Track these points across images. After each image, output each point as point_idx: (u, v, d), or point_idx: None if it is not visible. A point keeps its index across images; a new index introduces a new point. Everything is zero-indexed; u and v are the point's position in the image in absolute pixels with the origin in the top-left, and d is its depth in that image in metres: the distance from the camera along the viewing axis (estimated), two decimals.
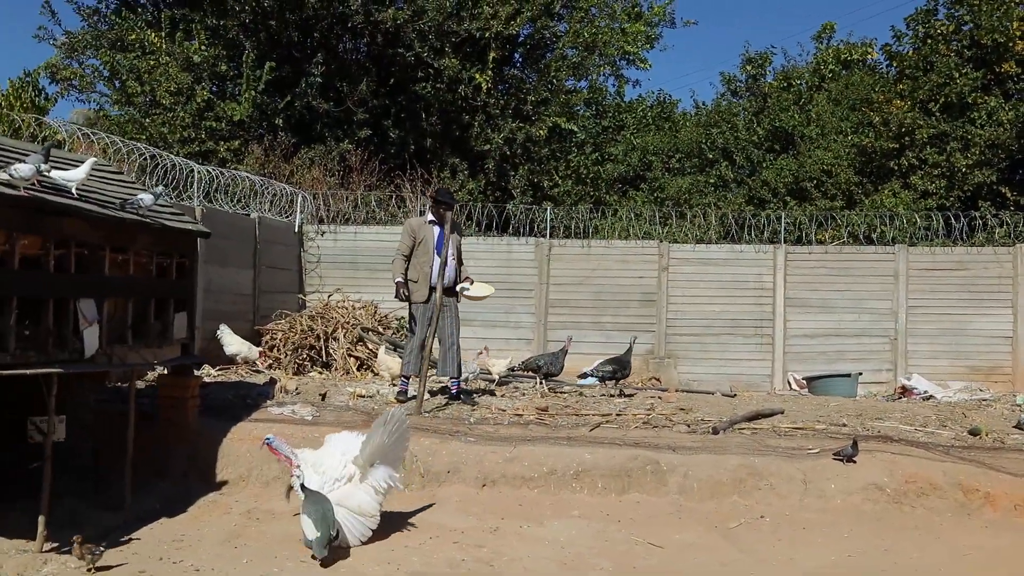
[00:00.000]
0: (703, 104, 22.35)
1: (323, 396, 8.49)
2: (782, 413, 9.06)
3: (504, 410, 8.58)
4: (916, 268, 13.97)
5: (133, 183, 7.29)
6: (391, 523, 6.20)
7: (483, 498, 6.84)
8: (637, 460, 7.14)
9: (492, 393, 9.81)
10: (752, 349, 14.06)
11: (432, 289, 8.58)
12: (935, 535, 6.42)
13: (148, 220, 6.23)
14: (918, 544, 6.26)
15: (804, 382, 13.22)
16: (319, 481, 5.69)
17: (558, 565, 5.58)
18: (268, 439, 5.98)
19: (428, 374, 8.44)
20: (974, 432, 8.36)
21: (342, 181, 16.61)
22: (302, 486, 5.56)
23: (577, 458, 7.15)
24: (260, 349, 11.31)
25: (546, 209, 15.09)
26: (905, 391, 13.15)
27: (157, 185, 10.88)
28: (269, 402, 8.11)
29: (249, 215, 12.52)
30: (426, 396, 8.55)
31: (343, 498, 5.62)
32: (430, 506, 6.62)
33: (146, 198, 6.22)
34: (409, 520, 6.32)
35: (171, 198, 11.16)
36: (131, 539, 5.71)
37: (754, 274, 14.13)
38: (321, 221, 14.60)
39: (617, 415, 8.62)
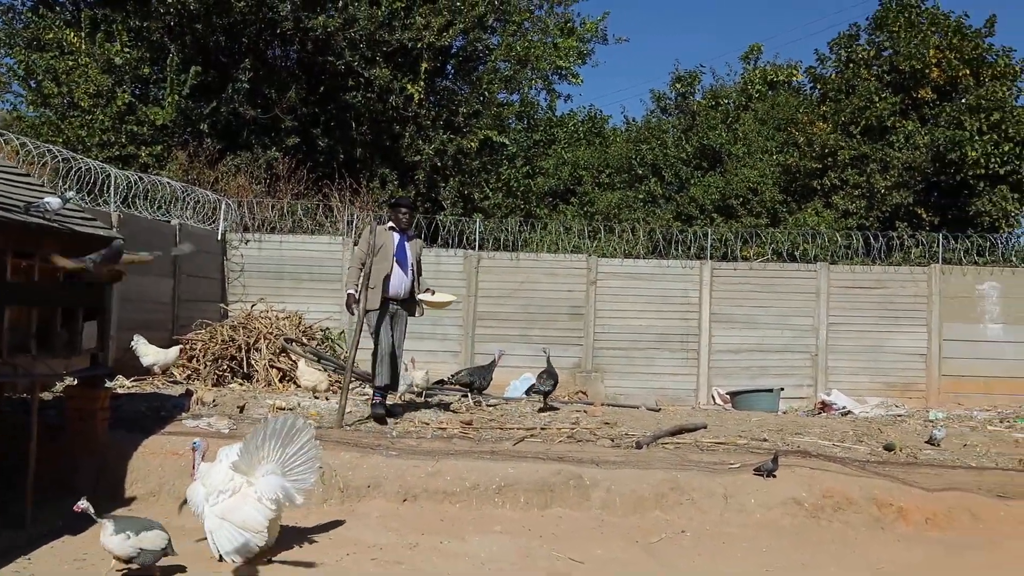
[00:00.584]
0: (633, 120, 22.63)
1: (241, 408, 8.27)
2: (705, 428, 9.13)
3: (428, 423, 8.47)
4: (837, 286, 14.27)
5: (41, 186, 7.01)
6: (306, 538, 6.07)
7: (404, 513, 6.72)
8: (560, 475, 7.10)
9: (416, 407, 9.68)
10: (678, 364, 14.18)
11: (391, 299, 8.39)
12: (851, 549, 6.50)
13: (55, 225, 5.99)
14: (834, 558, 6.33)
15: (728, 397, 13.38)
16: (203, 494, 5.49)
17: None
18: (195, 443, 5.78)
19: (352, 386, 8.30)
20: (889, 447, 8.53)
21: (269, 189, 16.31)
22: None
23: (500, 473, 7.08)
24: (177, 357, 10.97)
25: (475, 221, 15.01)
26: (825, 406, 13.41)
27: (70, 190, 10.58)
28: (184, 415, 7.87)
29: (169, 222, 12.20)
30: (349, 409, 8.40)
31: (227, 512, 5.38)
32: (349, 521, 6.48)
33: (53, 202, 5.99)
34: (327, 535, 6.18)
35: (85, 203, 10.84)
36: (30, 558, 5.45)
37: (680, 289, 14.28)
38: (247, 229, 14.32)
39: (542, 429, 8.58)
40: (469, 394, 10.35)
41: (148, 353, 10.41)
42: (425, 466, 7.08)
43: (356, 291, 8.42)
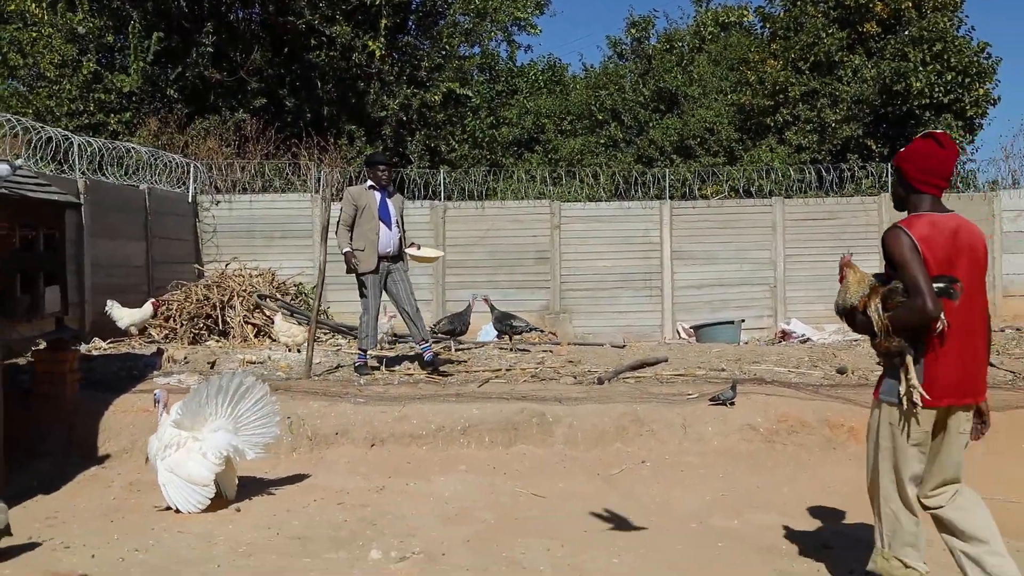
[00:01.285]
0: (591, 67, 22.24)
1: (212, 364, 8.10)
2: (666, 361, 9.05)
3: (394, 370, 8.33)
4: (792, 219, 14.19)
5: None
6: (275, 487, 5.95)
7: (372, 458, 6.61)
8: (524, 413, 7.00)
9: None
10: (642, 301, 14.11)
11: (381, 257, 8.02)
12: (804, 470, 6.46)
13: (4, 191, 5.74)
14: (788, 479, 6.29)
15: (692, 331, 13.33)
16: (156, 447, 5.37)
17: (442, 520, 5.39)
18: (156, 395, 5.65)
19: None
20: (841, 371, 8.49)
21: (239, 151, 15.94)
22: None
23: (465, 414, 6.97)
24: (151, 315, 10.77)
25: (440, 172, 14.75)
26: (785, 335, 13.39)
27: (31, 159, 10.24)
28: (156, 372, 7.69)
29: (138, 186, 11.87)
30: (318, 360, 8.25)
31: (174, 465, 5.28)
32: (318, 468, 6.37)
33: (2, 168, 5.72)
34: (296, 484, 6.06)
35: (50, 171, 10.51)
36: None
37: (642, 230, 14.14)
38: (219, 191, 14.01)
39: (507, 370, 8.48)
40: (450, 341, 10.29)
41: (122, 316, 10.24)
42: (392, 411, 6.97)
43: (351, 248, 8.04)
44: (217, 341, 10.70)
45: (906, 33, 16.77)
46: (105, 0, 16.36)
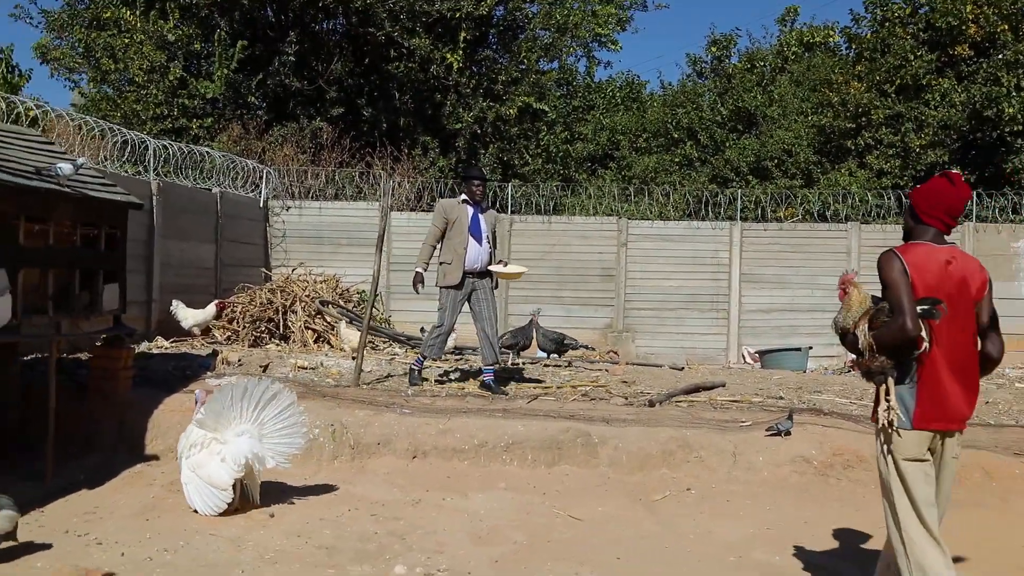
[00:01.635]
0: (669, 84, 22.01)
1: (265, 368, 8.18)
2: (723, 386, 8.81)
3: (443, 383, 8.28)
4: (868, 245, 13.70)
5: (62, 153, 6.91)
6: (312, 494, 5.94)
7: (412, 470, 6.56)
8: (569, 432, 6.86)
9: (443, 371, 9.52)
10: (708, 323, 13.81)
11: (467, 273, 7.82)
12: (856, 507, 6.15)
13: (67, 190, 5.88)
14: (839, 516, 5.99)
15: (757, 356, 12.98)
16: (183, 445, 5.40)
17: (472, 537, 5.29)
18: (196, 394, 5.71)
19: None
20: None
21: (314, 158, 16.22)
22: None
23: (510, 430, 6.86)
24: (214, 315, 10.97)
25: (508, 185, 14.73)
26: (854, 365, 12.91)
27: (119, 160, 10.56)
28: (209, 374, 7.79)
29: (211, 190, 12.14)
30: (369, 369, 8.26)
31: (196, 466, 5.28)
32: (357, 477, 6.34)
33: (65, 167, 5.86)
34: (333, 492, 6.03)
35: (127, 172, 10.81)
36: (43, 511, 5.40)
37: (711, 250, 13.86)
38: (293, 197, 14.26)
39: (558, 388, 8.34)
40: (511, 355, 10.27)
41: (186, 316, 10.44)
42: (436, 424, 6.90)
43: (424, 270, 7.90)
44: (277, 345, 10.83)
45: (1000, 57, 16.09)
46: (195, 8, 16.81)
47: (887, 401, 3.54)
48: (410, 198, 15.09)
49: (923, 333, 3.45)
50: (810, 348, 12.52)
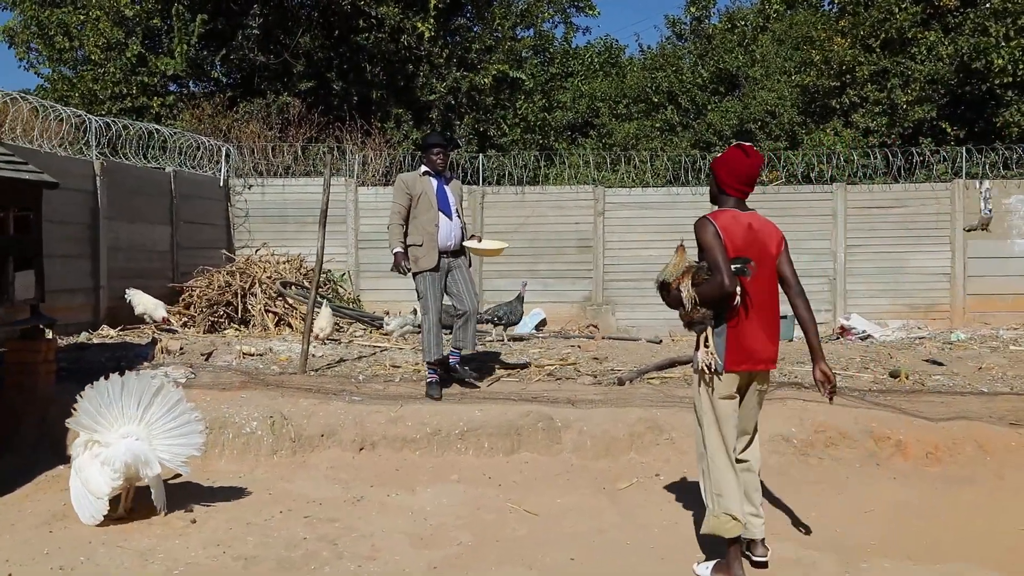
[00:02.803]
0: (649, 48, 21.29)
1: (207, 356, 7.63)
2: None
3: (399, 366, 7.73)
4: (855, 207, 13.16)
5: None
6: (243, 494, 5.41)
7: (359, 463, 6.03)
8: (529, 417, 6.33)
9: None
10: None
11: (443, 253, 6.87)
12: (838, 490, 5.65)
13: None
14: (820, 500, 5.48)
15: None
16: (77, 443, 4.88)
17: (412, 539, 4.77)
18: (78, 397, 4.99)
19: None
20: (894, 374, 7.61)
21: (282, 135, 15.58)
22: None
23: (465, 416, 6.33)
24: (169, 307, 10.46)
25: (478, 156, 14.12)
26: (844, 331, 12.42)
27: (68, 142, 9.95)
28: (146, 364, 7.24)
29: (164, 169, 11.53)
30: (321, 354, 7.70)
31: (79, 468, 4.77)
32: (296, 473, 5.82)
33: None
34: (267, 490, 5.51)
35: (67, 152, 10.19)
36: None
37: (691, 217, 13.12)
38: (261, 175, 13.63)
39: (522, 367, 7.80)
40: (495, 329, 9.78)
41: (140, 302, 9.91)
42: (387, 411, 6.37)
43: (403, 248, 6.88)
44: (237, 330, 10.29)
45: (987, 6, 15.42)
46: None
47: (706, 348, 4.07)
48: (383, 172, 14.50)
49: (738, 289, 3.96)
50: None
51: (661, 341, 10.02)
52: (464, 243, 7.05)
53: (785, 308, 11.71)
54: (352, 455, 6.10)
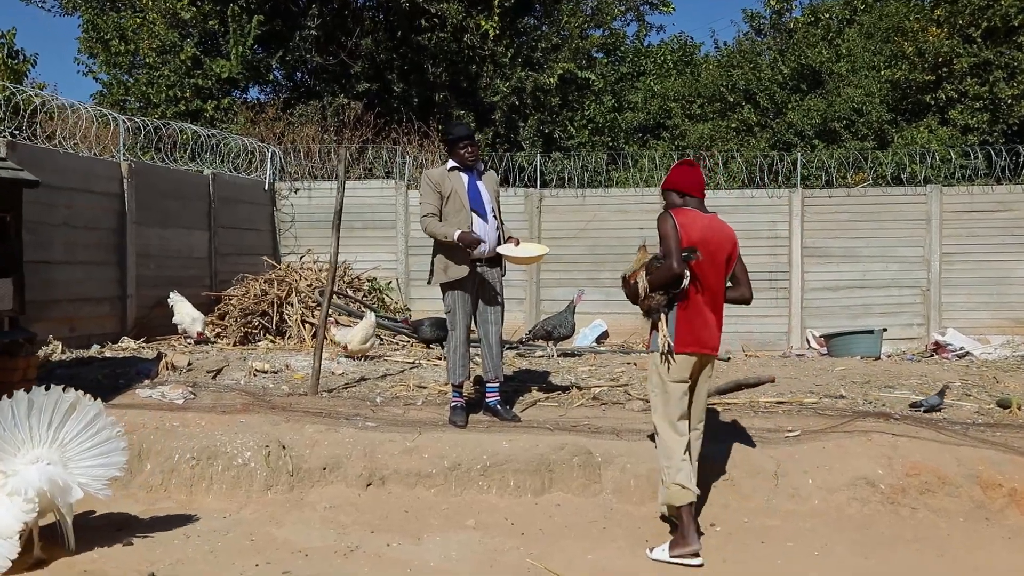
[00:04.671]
0: (725, 45, 20.07)
1: (216, 373, 6.91)
2: (771, 382, 7.23)
3: (424, 387, 6.88)
4: (952, 210, 11.85)
5: None
6: (220, 538, 4.62)
7: (363, 502, 5.19)
8: (564, 450, 5.41)
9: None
10: (766, 304, 12.08)
11: (476, 261, 5.95)
12: (939, 551, 4.57)
13: None
14: (914, 564, 4.43)
15: (823, 340, 11.26)
16: None
17: None
18: None
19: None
20: (1003, 404, 6.42)
21: (337, 137, 14.99)
22: None
23: (490, 448, 5.45)
24: (208, 318, 9.88)
25: (536, 156, 13.24)
26: (938, 348, 11.12)
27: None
28: (146, 382, 6.57)
29: (202, 171, 10.98)
30: (341, 371, 6.92)
31: None
32: (289, 514, 5.01)
33: None
34: (249, 535, 4.71)
35: (94, 153, 9.68)
36: None
37: (767, 221, 12.15)
38: (315, 178, 13.03)
39: (564, 390, 6.86)
40: (548, 345, 8.87)
41: (180, 311, 9.31)
42: (401, 441, 5.53)
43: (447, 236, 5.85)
44: (272, 341, 9.64)
45: None
46: None
47: (662, 332, 4.41)
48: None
49: (686, 272, 4.32)
50: (884, 330, 10.73)
51: (730, 358, 8.96)
52: (498, 249, 6.07)
53: (876, 321, 10.43)
54: (357, 492, 5.27)
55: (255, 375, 6.88)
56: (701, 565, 4.31)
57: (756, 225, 12.10)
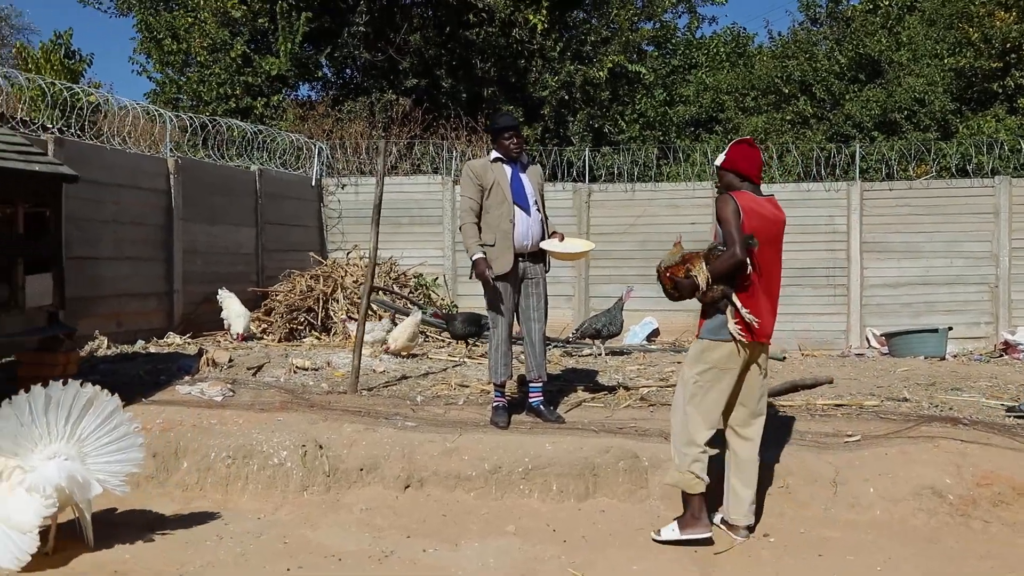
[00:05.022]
0: (779, 35, 19.52)
1: (256, 370, 6.80)
2: (830, 383, 6.89)
3: (466, 385, 6.68)
4: (1022, 203, 11.28)
5: None
6: (253, 540, 4.48)
7: (401, 505, 5.02)
8: (610, 453, 5.17)
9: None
10: (824, 302, 11.70)
11: (519, 255, 5.72)
12: (1013, 568, 4.23)
13: None
14: None
15: (884, 339, 10.81)
16: None
17: None
18: None
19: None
20: None
21: (385, 133, 14.89)
22: None
23: (533, 450, 5.23)
24: (254, 314, 9.84)
25: (584, 151, 12.97)
26: (1008, 347, 10.59)
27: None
28: (187, 378, 6.48)
29: (248, 167, 10.94)
30: (383, 369, 6.76)
31: None
32: (324, 517, 4.85)
33: None
34: (283, 537, 4.56)
35: (142, 150, 9.68)
36: None
37: (825, 216, 11.73)
38: (363, 174, 12.94)
39: (610, 390, 6.60)
40: (595, 344, 8.63)
41: (228, 307, 9.24)
42: (441, 442, 5.34)
43: (483, 253, 5.70)
44: (317, 337, 9.54)
45: None
46: None
47: (739, 316, 4.24)
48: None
49: (749, 260, 4.18)
50: (949, 329, 10.25)
51: (785, 358, 8.62)
52: (542, 244, 5.82)
53: (940, 319, 10.02)
54: (395, 494, 5.10)
55: (295, 372, 6.76)
56: (713, 543, 4.39)
57: (813, 220, 11.69)
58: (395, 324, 9.51)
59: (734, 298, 4.22)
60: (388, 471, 5.20)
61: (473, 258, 5.72)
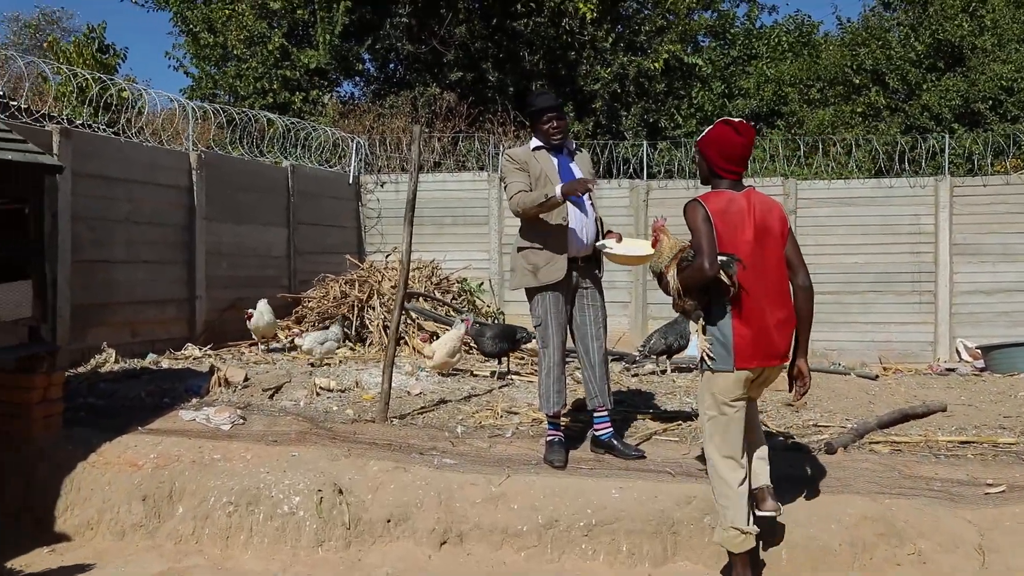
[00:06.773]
0: (849, 22, 18.21)
1: (274, 392, 5.88)
2: (943, 410, 5.79)
3: (516, 412, 5.69)
4: None
5: None
6: None
7: (435, 567, 4.07)
8: (691, 505, 4.18)
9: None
10: (908, 310, 10.51)
11: (572, 261, 4.72)
12: None
13: None
14: None
15: (979, 352, 9.59)
16: None
17: None
18: None
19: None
20: None
21: (429, 128, 14.00)
22: None
23: (596, 499, 4.24)
24: (284, 323, 8.99)
25: (643, 145, 11.93)
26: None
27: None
28: (193, 401, 5.59)
29: (280, 164, 10.09)
30: (419, 391, 5.82)
31: None
32: None
33: None
34: None
35: (162, 143, 8.85)
36: None
37: (909, 214, 10.54)
38: (404, 171, 12.05)
39: (685, 418, 5.57)
40: (659, 360, 7.53)
41: (260, 315, 8.34)
42: (485, 485, 4.37)
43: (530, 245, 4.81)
44: (352, 348, 8.63)
45: None
46: None
47: (701, 342, 3.64)
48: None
49: (725, 277, 3.49)
50: None
51: (877, 376, 7.51)
52: (598, 245, 4.67)
53: (1013, 333, 8.30)
54: (429, 553, 4.15)
55: (318, 394, 5.83)
56: None
57: (896, 219, 10.53)
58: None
59: (701, 320, 3.62)
60: (421, 522, 4.25)
61: (558, 189, 4.52)
